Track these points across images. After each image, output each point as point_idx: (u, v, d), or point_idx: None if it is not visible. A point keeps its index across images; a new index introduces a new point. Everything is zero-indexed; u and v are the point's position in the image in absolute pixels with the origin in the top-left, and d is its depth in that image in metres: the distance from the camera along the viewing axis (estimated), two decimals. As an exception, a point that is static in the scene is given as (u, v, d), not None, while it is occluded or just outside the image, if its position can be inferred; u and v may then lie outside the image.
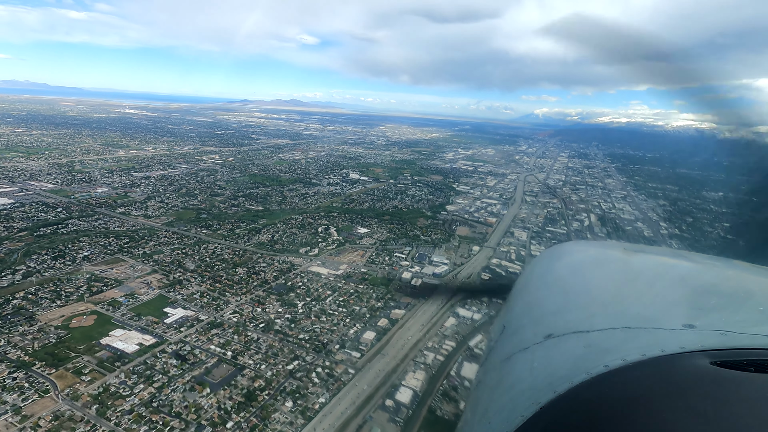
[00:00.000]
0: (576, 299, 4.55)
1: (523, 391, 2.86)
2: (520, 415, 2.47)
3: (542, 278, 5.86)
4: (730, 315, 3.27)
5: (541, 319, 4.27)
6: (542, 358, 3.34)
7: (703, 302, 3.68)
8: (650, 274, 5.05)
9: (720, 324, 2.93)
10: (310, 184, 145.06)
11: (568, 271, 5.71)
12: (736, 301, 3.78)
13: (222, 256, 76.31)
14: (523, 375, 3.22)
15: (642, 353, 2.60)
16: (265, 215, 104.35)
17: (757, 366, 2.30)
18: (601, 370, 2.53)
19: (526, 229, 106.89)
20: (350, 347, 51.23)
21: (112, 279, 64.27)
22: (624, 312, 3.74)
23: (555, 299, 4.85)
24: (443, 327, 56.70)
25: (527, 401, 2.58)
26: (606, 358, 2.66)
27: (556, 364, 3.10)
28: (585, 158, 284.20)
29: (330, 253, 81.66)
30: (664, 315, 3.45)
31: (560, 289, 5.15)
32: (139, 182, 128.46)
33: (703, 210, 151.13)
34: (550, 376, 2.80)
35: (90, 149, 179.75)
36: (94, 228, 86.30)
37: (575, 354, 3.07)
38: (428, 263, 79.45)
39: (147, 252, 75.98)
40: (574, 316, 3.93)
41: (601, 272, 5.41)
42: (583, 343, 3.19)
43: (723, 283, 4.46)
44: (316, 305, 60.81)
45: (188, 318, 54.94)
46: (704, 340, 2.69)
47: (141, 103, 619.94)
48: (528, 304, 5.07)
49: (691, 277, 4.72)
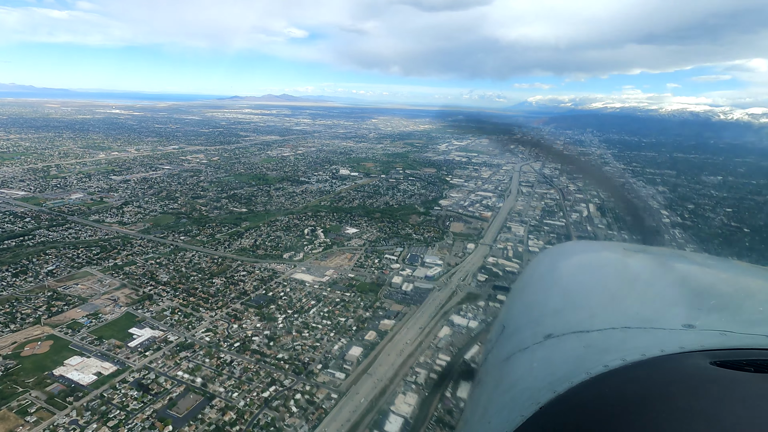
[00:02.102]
0: (576, 299, 4.54)
1: (523, 391, 2.83)
2: (520, 415, 2.46)
3: (542, 278, 5.84)
4: (730, 315, 3.27)
5: (541, 319, 4.24)
6: (542, 358, 3.33)
7: (703, 302, 3.68)
8: (650, 274, 5.08)
9: (720, 324, 2.93)
10: (298, 182, 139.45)
11: (568, 271, 5.69)
12: (736, 301, 3.80)
13: (199, 265, 71.05)
14: (522, 375, 3.22)
15: (642, 353, 2.59)
16: (249, 217, 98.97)
17: (756, 366, 2.30)
18: (600, 370, 2.53)
19: (523, 223, 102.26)
20: (334, 366, 46.43)
21: (76, 296, 58.97)
22: (624, 312, 3.76)
23: (555, 299, 4.84)
24: (436, 338, 51.99)
25: (527, 401, 2.56)
26: (606, 358, 2.65)
27: (555, 364, 3.08)
28: (581, 145, 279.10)
29: (316, 257, 76.59)
30: (663, 315, 3.45)
31: (560, 289, 5.14)
32: (118, 186, 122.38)
33: (703, 195, 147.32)
34: (549, 376, 2.78)
35: (69, 152, 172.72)
36: (64, 238, 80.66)
37: (575, 354, 3.06)
38: (420, 265, 74.58)
39: (118, 263, 70.59)
40: (573, 316, 3.92)
41: (601, 272, 5.42)
42: (583, 343, 3.18)
43: (723, 283, 4.46)
44: (299, 318, 55.89)
45: (156, 339, 49.87)
46: (704, 340, 2.69)
47: (128, 103, 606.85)
48: (528, 304, 5.08)
49: (691, 277, 4.75)
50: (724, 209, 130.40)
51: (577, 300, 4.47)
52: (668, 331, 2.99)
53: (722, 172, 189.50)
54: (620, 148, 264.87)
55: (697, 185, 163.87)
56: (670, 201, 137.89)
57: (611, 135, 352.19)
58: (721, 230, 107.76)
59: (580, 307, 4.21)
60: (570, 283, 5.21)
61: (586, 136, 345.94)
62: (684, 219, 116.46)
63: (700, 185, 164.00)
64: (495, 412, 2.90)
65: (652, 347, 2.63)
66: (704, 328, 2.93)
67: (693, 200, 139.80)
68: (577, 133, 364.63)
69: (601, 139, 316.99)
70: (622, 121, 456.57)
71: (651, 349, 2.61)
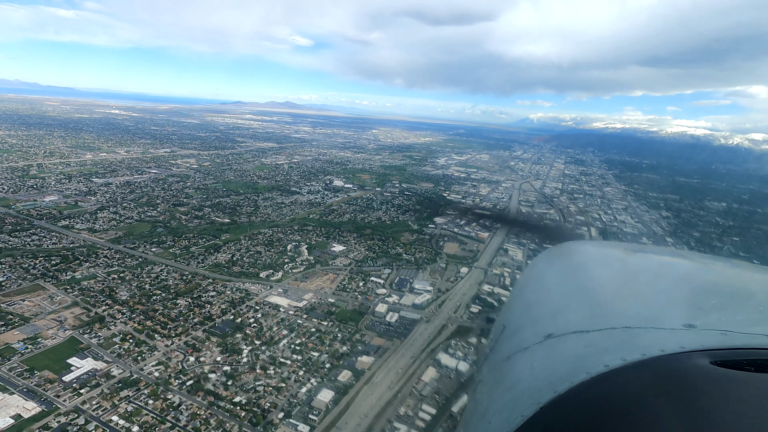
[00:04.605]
0: (576, 299, 4.52)
1: (523, 390, 2.85)
2: (520, 415, 2.47)
3: (542, 278, 5.82)
4: (730, 315, 3.26)
5: (541, 318, 4.26)
6: (542, 357, 3.33)
7: (703, 302, 3.67)
8: (650, 273, 5.03)
9: (720, 324, 2.91)
10: (289, 192, 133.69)
11: (568, 271, 5.66)
12: (736, 300, 3.79)
13: (165, 282, 64.69)
14: (523, 375, 3.21)
15: (642, 353, 2.59)
16: (231, 229, 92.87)
17: (757, 366, 2.30)
18: (601, 370, 2.53)
19: (522, 246, 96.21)
20: (298, 416, 39.95)
21: (18, 315, 52.52)
22: (624, 312, 3.74)
23: (555, 299, 4.84)
24: (420, 382, 45.57)
25: (527, 401, 2.57)
26: (606, 357, 2.64)
27: (556, 364, 3.09)
28: (581, 165, 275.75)
29: (296, 278, 70.32)
30: (664, 315, 3.42)
31: (560, 288, 5.10)
32: (97, 189, 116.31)
33: (708, 222, 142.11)
34: (550, 376, 2.80)
35: (55, 152, 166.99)
36: (24, 246, 74.35)
37: (575, 354, 3.05)
38: (408, 290, 68.36)
39: (77, 277, 64.21)
40: (574, 316, 3.91)
41: (601, 272, 5.39)
42: (583, 343, 3.17)
43: (723, 283, 4.44)
44: (266, 351, 49.47)
45: (96, 373, 43.33)
46: (704, 340, 2.68)
47: (130, 104, 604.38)
48: (528, 304, 5.04)
49: (691, 277, 4.72)
50: (731, 238, 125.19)
51: (577, 300, 4.45)
52: (668, 331, 2.96)
53: (726, 199, 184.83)
54: (621, 169, 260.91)
55: (701, 211, 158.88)
56: (675, 228, 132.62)
57: (612, 155, 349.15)
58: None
59: (580, 307, 4.19)
60: (570, 283, 5.15)
61: (587, 155, 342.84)
62: (690, 247, 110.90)
63: (704, 211, 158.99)
64: (495, 412, 2.89)
65: (652, 347, 2.61)
66: (704, 327, 2.89)
67: (698, 228, 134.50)
68: (578, 152, 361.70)
69: (602, 159, 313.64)
70: (623, 142, 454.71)
71: (651, 348, 2.59)
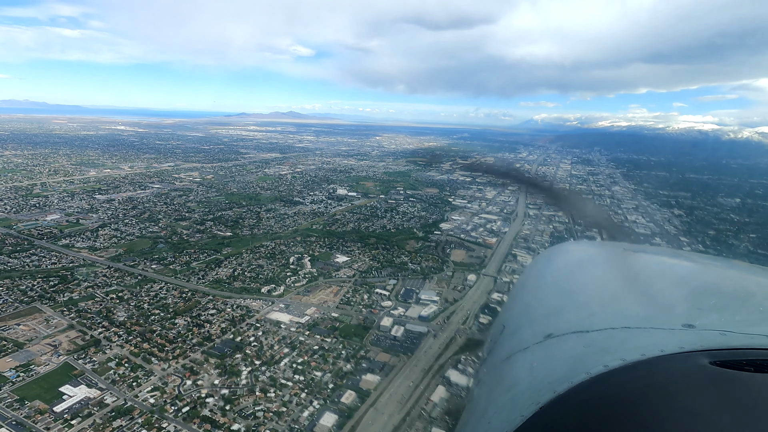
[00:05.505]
0: (576, 299, 4.51)
1: (523, 391, 2.84)
2: (520, 415, 2.47)
3: (542, 278, 5.82)
4: (730, 315, 3.25)
5: (541, 318, 4.24)
6: (542, 358, 3.32)
7: (703, 302, 3.66)
8: (650, 274, 5.02)
9: (720, 324, 2.91)
10: (292, 202, 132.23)
11: (568, 270, 5.65)
12: (736, 301, 3.79)
13: (165, 301, 62.97)
14: (522, 375, 3.21)
15: (641, 353, 2.59)
16: (233, 242, 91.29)
17: (756, 366, 2.30)
18: (600, 370, 2.53)
19: (531, 251, 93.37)
20: (300, 443, 37.65)
21: (12, 341, 50.98)
22: (624, 312, 3.72)
23: (555, 299, 4.82)
24: (429, 403, 43.01)
25: (527, 401, 2.57)
26: (606, 358, 2.64)
27: (555, 364, 3.08)
28: (588, 164, 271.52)
29: (298, 292, 68.27)
30: (663, 315, 3.42)
31: (560, 288, 5.09)
32: (99, 206, 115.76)
33: (723, 220, 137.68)
34: (549, 376, 2.79)
35: (60, 170, 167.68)
36: (23, 267, 73.31)
37: (575, 354, 3.05)
38: (415, 302, 65.89)
39: (74, 298, 62.77)
40: (573, 316, 3.90)
41: (601, 272, 5.36)
42: (583, 343, 3.17)
43: (723, 283, 4.44)
44: (266, 372, 47.28)
45: (89, 402, 41.42)
46: (704, 340, 2.68)
47: (135, 119, 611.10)
48: (528, 304, 5.02)
49: (691, 277, 4.71)
50: (747, 235, 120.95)
51: (577, 300, 4.43)
52: (668, 331, 2.95)
53: (739, 194, 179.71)
54: (629, 168, 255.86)
55: (714, 208, 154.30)
56: (689, 226, 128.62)
57: (619, 154, 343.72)
58: (747, 259, 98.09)
59: (580, 307, 4.17)
60: (570, 283, 5.14)
61: (594, 155, 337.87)
62: (706, 246, 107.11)
63: (717, 208, 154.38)
64: (495, 412, 2.89)
65: (652, 347, 2.60)
66: (704, 328, 2.89)
67: (713, 225, 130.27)
68: (584, 152, 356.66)
69: (609, 158, 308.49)
70: (630, 140, 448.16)
71: (651, 349, 2.59)
